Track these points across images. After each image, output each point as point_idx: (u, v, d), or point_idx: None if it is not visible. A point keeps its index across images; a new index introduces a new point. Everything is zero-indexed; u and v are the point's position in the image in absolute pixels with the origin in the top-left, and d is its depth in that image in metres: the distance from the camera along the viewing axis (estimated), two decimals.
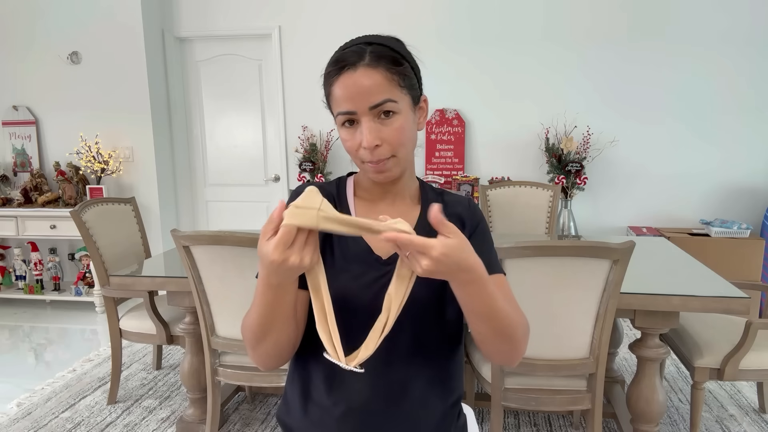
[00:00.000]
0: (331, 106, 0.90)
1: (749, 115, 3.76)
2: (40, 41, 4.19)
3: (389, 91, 0.86)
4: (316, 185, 0.98)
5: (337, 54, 0.89)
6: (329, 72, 0.88)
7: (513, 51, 3.95)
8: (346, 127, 0.87)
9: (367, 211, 0.97)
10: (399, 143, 0.88)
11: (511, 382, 1.95)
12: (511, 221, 3.18)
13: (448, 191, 1.04)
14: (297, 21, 4.16)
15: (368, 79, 0.84)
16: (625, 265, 1.73)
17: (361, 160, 0.89)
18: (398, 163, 0.90)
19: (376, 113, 0.85)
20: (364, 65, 0.85)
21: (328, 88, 0.88)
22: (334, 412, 0.92)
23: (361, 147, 0.87)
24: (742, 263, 3.47)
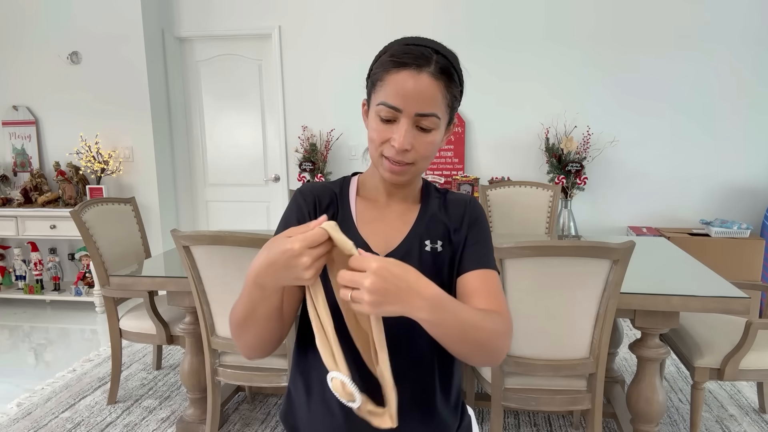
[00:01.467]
0: (376, 90, 0.89)
1: (749, 115, 3.76)
2: (40, 41, 4.19)
3: (438, 107, 0.87)
4: (318, 184, 0.99)
5: (402, 47, 0.87)
6: (391, 60, 0.86)
7: (513, 51, 3.95)
8: (380, 118, 0.87)
9: (366, 209, 0.98)
10: (425, 156, 0.90)
11: (511, 382, 1.95)
12: (511, 221, 3.18)
13: (451, 191, 1.04)
14: (297, 21, 4.16)
15: (427, 88, 0.85)
16: (625, 265, 1.73)
17: (380, 154, 0.89)
18: (415, 172, 0.92)
19: (416, 121, 0.87)
20: (428, 72, 0.86)
21: (383, 74, 0.87)
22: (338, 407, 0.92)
23: (388, 143, 0.88)
24: (742, 263, 3.47)
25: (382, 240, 0.95)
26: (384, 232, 0.96)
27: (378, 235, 0.95)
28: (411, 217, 0.98)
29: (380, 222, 0.97)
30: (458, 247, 0.96)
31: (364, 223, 0.96)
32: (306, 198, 0.96)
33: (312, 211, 0.95)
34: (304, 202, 0.96)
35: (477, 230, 0.98)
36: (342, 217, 0.96)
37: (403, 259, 0.87)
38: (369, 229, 0.95)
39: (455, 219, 0.99)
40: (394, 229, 0.96)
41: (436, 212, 0.99)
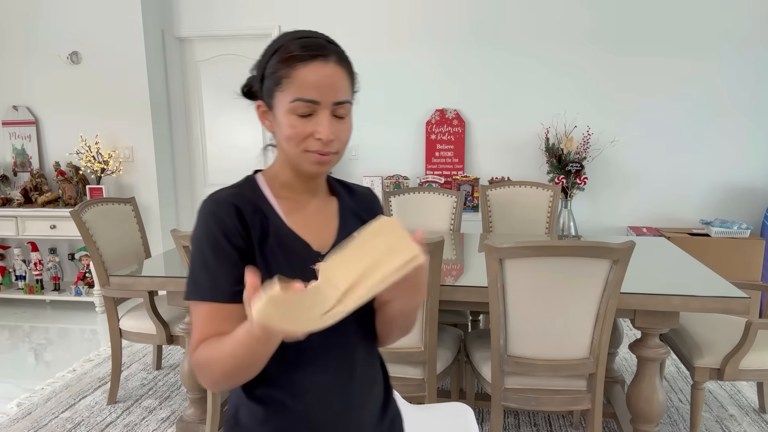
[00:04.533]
0: (282, 88, 0.86)
1: (749, 115, 3.76)
2: (40, 41, 4.19)
3: (349, 93, 0.90)
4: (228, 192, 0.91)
5: (298, 41, 0.87)
6: (294, 55, 0.85)
7: (513, 51, 3.95)
8: (296, 115, 0.86)
9: (290, 209, 0.95)
10: (345, 142, 0.92)
11: (511, 382, 1.95)
12: (511, 221, 3.18)
13: (345, 180, 1.07)
14: (297, 21, 4.16)
15: (338, 75, 0.87)
16: (625, 265, 1.73)
17: (305, 149, 0.88)
18: (335, 161, 0.92)
19: (333, 110, 0.88)
20: (334, 61, 0.88)
21: (288, 71, 0.85)
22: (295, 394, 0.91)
23: (312, 137, 0.87)
24: (742, 263, 3.47)
25: (317, 237, 0.94)
26: (316, 229, 0.95)
27: (312, 232, 0.94)
28: (332, 210, 0.99)
29: (308, 220, 0.95)
30: None
31: (295, 224, 0.93)
32: (227, 209, 0.87)
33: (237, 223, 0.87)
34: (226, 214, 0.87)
35: None
36: (272, 223, 0.90)
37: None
38: (300, 228, 0.93)
39: (368, 211, 1.03)
40: (322, 224, 0.96)
41: (351, 203, 1.02)
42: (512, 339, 1.88)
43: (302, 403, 0.90)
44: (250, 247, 0.88)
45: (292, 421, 0.91)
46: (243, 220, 0.88)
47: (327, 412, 0.91)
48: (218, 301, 0.85)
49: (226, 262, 0.85)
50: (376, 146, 4.23)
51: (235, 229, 0.86)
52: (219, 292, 0.85)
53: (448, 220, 3.11)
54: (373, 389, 0.99)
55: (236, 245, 0.86)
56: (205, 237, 0.86)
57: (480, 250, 2.58)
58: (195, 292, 0.86)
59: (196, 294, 0.86)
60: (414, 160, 4.21)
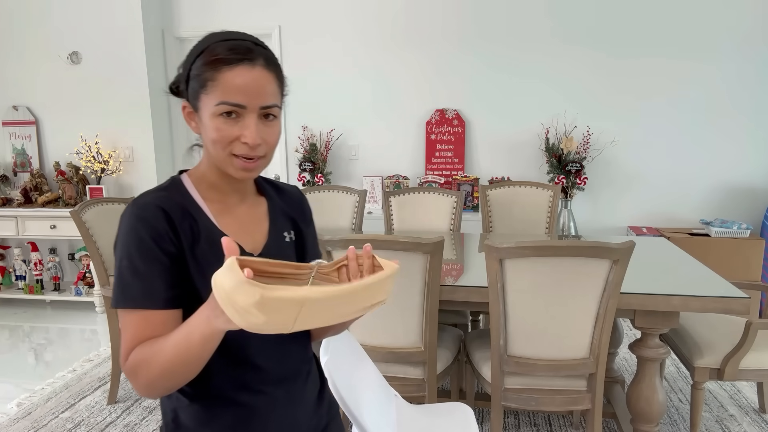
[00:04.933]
0: (207, 90, 0.84)
1: (749, 115, 3.76)
2: (40, 41, 4.19)
3: (277, 97, 0.88)
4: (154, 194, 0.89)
5: (224, 44, 0.85)
6: (220, 58, 0.84)
7: (513, 51, 3.95)
8: (223, 118, 0.84)
9: (220, 211, 0.93)
10: (273, 146, 0.90)
11: (511, 382, 1.95)
12: (511, 221, 3.18)
13: (273, 180, 1.08)
14: (297, 20, 4.16)
15: (265, 79, 0.86)
16: (625, 265, 1.73)
17: (230, 153, 0.86)
18: (265, 164, 0.91)
19: (262, 114, 0.87)
20: (261, 65, 0.86)
21: (214, 74, 0.84)
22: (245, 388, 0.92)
23: (238, 140, 0.85)
24: (742, 263, 3.47)
25: (249, 238, 0.94)
26: (247, 230, 0.95)
27: (243, 233, 0.93)
28: (261, 211, 0.99)
29: (239, 221, 0.95)
30: (305, 238, 1.04)
31: (225, 226, 0.92)
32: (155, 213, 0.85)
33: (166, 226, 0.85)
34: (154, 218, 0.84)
35: (313, 225, 1.09)
36: (203, 226, 0.89)
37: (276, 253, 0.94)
38: (232, 230, 0.92)
39: (298, 210, 1.05)
40: (253, 225, 0.96)
41: (280, 203, 1.02)
42: (512, 339, 1.88)
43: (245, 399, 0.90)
44: (181, 251, 0.85)
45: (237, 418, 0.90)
46: (172, 224, 0.85)
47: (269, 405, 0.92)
48: (151, 308, 0.82)
49: (158, 267, 0.82)
50: (376, 146, 4.23)
51: (164, 234, 0.84)
52: (151, 299, 0.82)
53: (448, 220, 3.11)
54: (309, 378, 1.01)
55: (167, 250, 0.84)
56: (134, 243, 0.83)
57: (480, 250, 2.58)
58: (125, 300, 0.82)
59: (126, 302, 0.82)
60: (414, 160, 4.21)
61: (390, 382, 1.63)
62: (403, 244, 1.81)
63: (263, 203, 1.00)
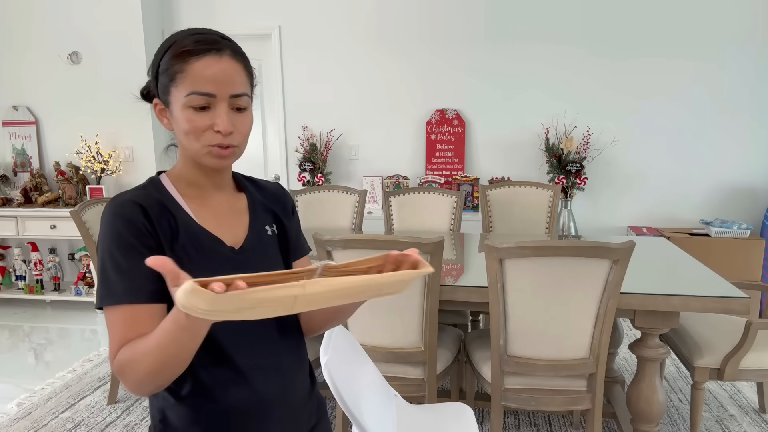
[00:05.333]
0: (176, 83, 0.86)
1: (750, 115, 3.76)
2: (40, 41, 4.19)
3: (246, 87, 0.90)
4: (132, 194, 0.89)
5: (191, 37, 0.87)
6: (188, 50, 0.85)
7: (513, 51, 3.95)
8: (193, 109, 0.86)
9: (199, 207, 0.94)
10: (245, 136, 0.91)
11: (511, 382, 1.95)
12: (511, 221, 3.18)
13: (252, 176, 1.08)
14: (297, 21, 4.16)
15: (233, 69, 0.87)
16: (625, 265, 1.73)
17: (205, 144, 0.87)
18: (237, 154, 0.92)
19: (231, 103, 0.87)
20: (228, 55, 0.87)
21: (182, 65, 0.85)
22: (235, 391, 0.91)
23: (210, 129, 0.86)
24: (742, 263, 3.47)
25: (230, 232, 0.94)
26: (228, 225, 0.95)
27: (224, 228, 0.94)
28: (241, 205, 0.99)
29: (218, 216, 0.95)
30: (289, 231, 1.04)
31: (205, 221, 0.92)
32: (133, 210, 0.85)
33: (145, 222, 0.85)
34: (132, 214, 0.85)
35: (296, 219, 1.09)
36: (181, 222, 0.89)
37: (258, 246, 0.95)
38: (213, 225, 0.93)
39: (279, 204, 1.05)
40: (233, 219, 0.96)
41: (260, 198, 1.03)
42: (512, 339, 1.88)
43: (232, 398, 0.90)
44: (161, 246, 0.86)
45: (224, 417, 0.90)
46: (149, 220, 0.85)
47: (256, 405, 0.92)
48: (137, 302, 0.81)
49: (139, 261, 0.81)
50: (376, 146, 4.23)
51: (144, 228, 0.84)
52: (136, 293, 0.81)
53: (448, 220, 3.11)
54: (298, 378, 1.00)
55: (147, 244, 0.84)
56: (114, 240, 0.83)
57: (480, 250, 2.58)
58: (110, 297, 0.81)
59: (111, 299, 0.81)
60: (414, 160, 4.21)
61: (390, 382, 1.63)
62: (403, 244, 1.81)
63: (242, 198, 1.01)
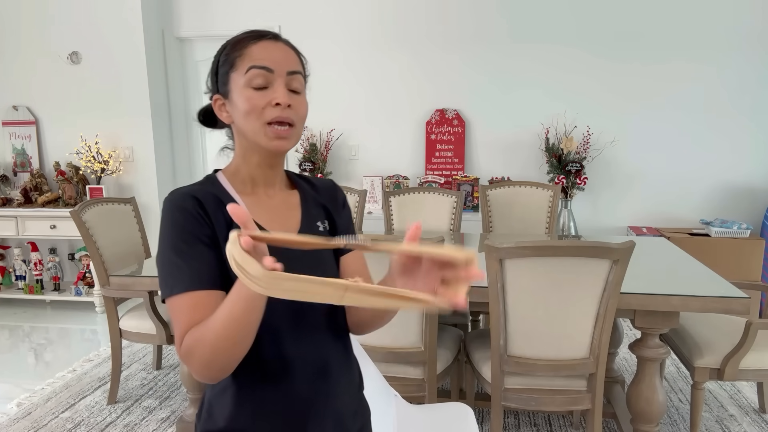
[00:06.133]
0: (236, 68, 0.90)
1: (749, 115, 3.76)
2: (40, 41, 4.19)
3: (302, 69, 0.95)
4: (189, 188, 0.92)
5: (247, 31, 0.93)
6: (244, 38, 0.91)
7: (513, 51, 3.95)
8: (252, 89, 0.89)
9: (252, 202, 0.96)
10: (302, 117, 0.93)
11: (511, 382, 1.95)
12: (511, 221, 3.18)
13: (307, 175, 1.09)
14: (297, 20, 4.16)
15: (289, 51, 0.93)
16: (625, 265, 1.73)
17: (265, 121, 0.89)
18: (294, 136, 0.93)
19: (288, 82, 0.90)
20: (284, 42, 0.93)
21: (241, 50, 0.90)
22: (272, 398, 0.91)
23: (269, 105, 0.89)
24: (742, 263, 3.47)
25: (282, 228, 0.95)
26: (280, 220, 0.96)
27: (276, 223, 0.95)
28: (294, 201, 1.01)
29: (271, 211, 0.97)
30: (339, 227, 1.04)
31: (258, 216, 0.94)
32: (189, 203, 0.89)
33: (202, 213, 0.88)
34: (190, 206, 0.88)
35: (348, 211, 1.08)
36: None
37: None
38: (265, 221, 0.95)
39: (330, 199, 1.05)
40: (285, 215, 0.98)
41: (312, 194, 1.03)
42: (512, 339, 1.88)
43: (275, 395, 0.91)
44: (216, 237, 0.88)
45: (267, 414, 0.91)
46: (205, 212, 0.88)
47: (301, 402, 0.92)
48: (200, 289, 0.83)
49: (200, 249, 0.85)
50: (376, 146, 4.23)
51: (201, 218, 0.87)
52: (199, 280, 0.83)
53: (448, 220, 3.11)
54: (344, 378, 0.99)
55: (205, 233, 0.87)
56: (175, 231, 0.86)
57: (480, 250, 2.58)
58: (174, 287, 0.84)
59: (175, 288, 0.83)
60: (414, 160, 4.21)
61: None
62: None
63: (295, 194, 1.02)
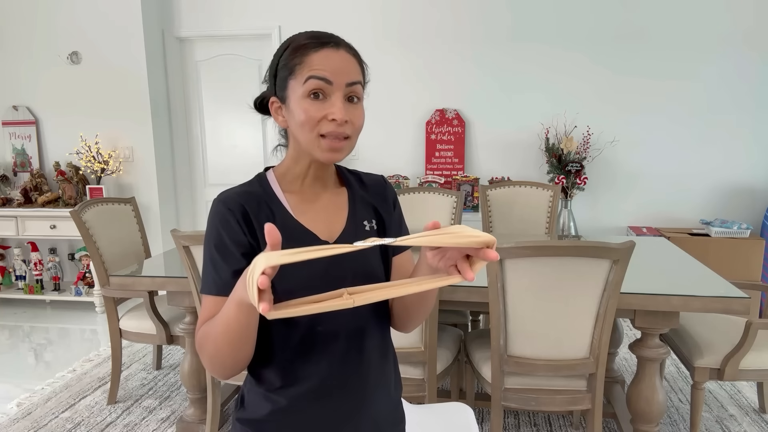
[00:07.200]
0: (295, 75, 0.88)
1: (749, 115, 3.76)
2: (40, 41, 4.19)
3: (361, 78, 0.92)
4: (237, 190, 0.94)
5: (308, 34, 0.91)
6: (306, 44, 0.88)
7: (513, 51, 3.95)
8: (311, 99, 0.87)
9: (298, 201, 0.96)
10: (358, 128, 0.91)
11: (511, 382, 1.95)
12: (511, 221, 3.18)
13: (357, 170, 1.07)
14: (297, 21, 4.16)
15: (350, 60, 0.90)
16: (625, 265, 1.73)
17: (319, 133, 0.88)
18: (349, 147, 0.92)
19: (346, 94, 0.88)
20: (345, 48, 0.90)
21: (302, 58, 0.88)
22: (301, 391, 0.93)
23: (326, 119, 0.87)
24: (742, 263, 3.47)
25: (325, 227, 0.95)
26: (324, 220, 0.96)
27: (319, 223, 0.95)
28: (342, 200, 1.00)
29: (317, 211, 0.96)
30: (389, 225, 1.02)
31: (302, 215, 0.94)
32: (232, 208, 0.90)
33: (241, 221, 0.90)
34: (230, 213, 0.90)
35: (399, 209, 1.07)
36: (279, 219, 0.92)
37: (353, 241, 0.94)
38: (308, 219, 0.94)
39: (379, 197, 1.03)
40: (332, 214, 0.97)
41: (361, 192, 1.02)
42: (512, 339, 1.88)
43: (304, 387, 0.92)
44: (255, 243, 0.90)
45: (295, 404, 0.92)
46: (247, 218, 0.90)
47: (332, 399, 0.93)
48: (221, 295, 0.89)
49: (231, 258, 0.89)
50: (376, 146, 4.23)
51: (238, 227, 0.89)
52: (224, 287, 0.88)
53: (448, 220, 3.11)
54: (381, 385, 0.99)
55: (240, 242, 0.89)
56: (213, 236, 0.91)
57: None
58: (205, 287, 0.92)
59: (205, 288, 0.92)
60: (414, 160, 4.21)
61: None
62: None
63: (344, 193, 1.01)
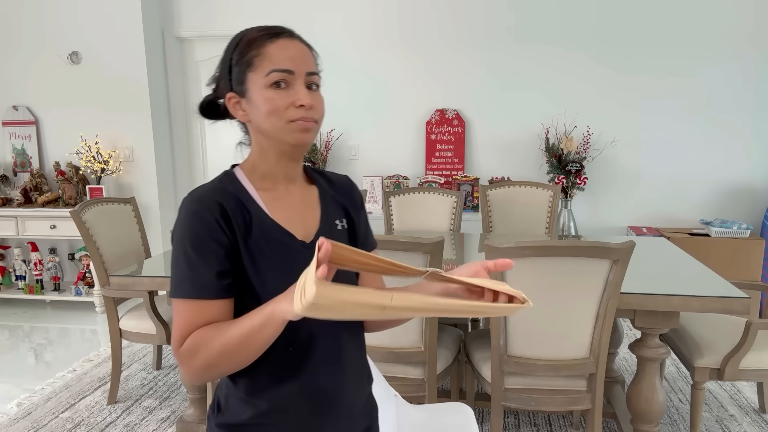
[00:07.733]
0: (254, 67, 0.89)
1: (749, 115, 3.76)
2: (40, 41, 4.19)
3: (317, 68, 0.94)
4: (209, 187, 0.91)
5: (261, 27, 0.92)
6: (260, 36, 0.90)
7: (513, 51, 3.95)
8: (273, 89, 0.88)
9: (271, 200, 0.95)
10: (322, 114, 0.94)
11: (511, 382, 1.95)
12: (511, 221, 3.18)
13: (321, 169, 1.09)
14: (297, 21, 4.16)
15: (305, 50, 0.92)
16: (625, 265, 1.73)
17: (288, 120, 0.89)
18: (316, 130, 0.93)
19: (307, 81, 0.90)
20: (298, 39, 0.92)
21: (258, 50, 0.89)
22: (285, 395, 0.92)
23: (291, 106, 0.88)
24: (742, 263, 3.47)
25: (301, 226, 0.95)
26: (299, 219, 0.95)
27: (294, 222, 0.94)
28: (312, 198, 1.00)
29: (290, 209, 0.96)
30: (357, 226, 1.04)
31: (278, 215, 0.93)
32: (210, 207, 0.87)
33: (220, 219, 0.87)
34: (209, 212, 0.87)
35: (364, 211, 1.08)
36: (255, 216, 0.91)
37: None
38: (284, 219, 0.94)
39: (348, 198, 1.04)
40: (304, 213, 0.97)
41: (330, 191, 1.03)
42: (512, 339, 1.88)
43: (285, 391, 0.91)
44: (235, 242, 0.88)
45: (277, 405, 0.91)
46: (226, 216, 0.88)
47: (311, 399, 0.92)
48: (204, 298, 0.85)
49: (211, 259, 0.85)
50: (376, 146, 4.23)
51: (218, 226, 0.86)
52: (205, 290, 0.85)
53: (448, 220, 3.11)
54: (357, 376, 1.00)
55: (221, 242, 0.86)
56: (188, 236, 0.86)
57: (480, 250, 2.58)
58: (179, 291, 0.86)
59: (182, 292, 0.85)
60: (414, 160, 4.21)
61: (390, 382, 1.63)
62: (403, 244, 1.81)
63: (314, 190, 1.01)
